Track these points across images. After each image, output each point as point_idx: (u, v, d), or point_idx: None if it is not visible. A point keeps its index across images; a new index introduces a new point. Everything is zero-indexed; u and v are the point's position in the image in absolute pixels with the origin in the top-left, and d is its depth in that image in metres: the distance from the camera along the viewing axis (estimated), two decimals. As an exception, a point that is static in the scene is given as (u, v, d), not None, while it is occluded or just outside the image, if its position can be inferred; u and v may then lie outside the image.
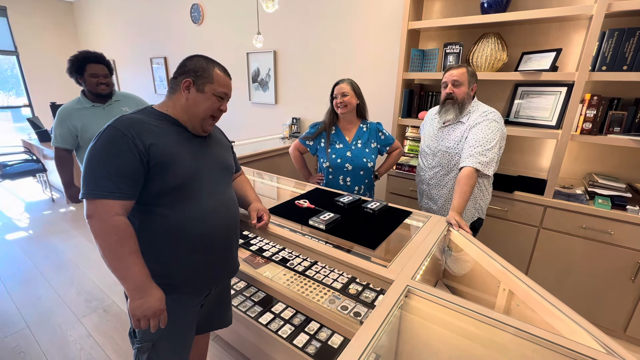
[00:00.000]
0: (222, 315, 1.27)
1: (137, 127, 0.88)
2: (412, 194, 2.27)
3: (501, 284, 1.02)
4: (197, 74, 0.96)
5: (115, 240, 0.84)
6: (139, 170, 0.87)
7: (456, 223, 1.28)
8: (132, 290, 0.87)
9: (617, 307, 1.75)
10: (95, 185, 0.83)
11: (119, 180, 0.84)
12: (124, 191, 0.85)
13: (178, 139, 0.96)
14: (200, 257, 1.01)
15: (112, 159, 0.84)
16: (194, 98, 0.96)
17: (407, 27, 2.10)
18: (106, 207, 0.83)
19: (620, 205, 1.64)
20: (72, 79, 1.82)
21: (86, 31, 5.84)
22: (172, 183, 0.91)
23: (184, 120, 0.98)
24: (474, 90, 1.55)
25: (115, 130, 0.85)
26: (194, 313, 1.07)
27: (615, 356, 0.68)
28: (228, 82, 1.01)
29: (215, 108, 0.99)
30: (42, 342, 1.80)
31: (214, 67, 0.98)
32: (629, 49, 1.54)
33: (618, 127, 1.67)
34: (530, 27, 1.96)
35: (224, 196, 1.07)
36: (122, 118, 0.89)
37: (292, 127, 3.23)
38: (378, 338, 0.75)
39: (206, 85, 0.96)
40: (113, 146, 0.84)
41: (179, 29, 4.19)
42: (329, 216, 1.32)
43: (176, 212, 0.93)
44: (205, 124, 1.00)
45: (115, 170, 0.84)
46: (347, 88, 1.69)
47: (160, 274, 0.94)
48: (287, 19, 3.09)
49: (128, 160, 0.85)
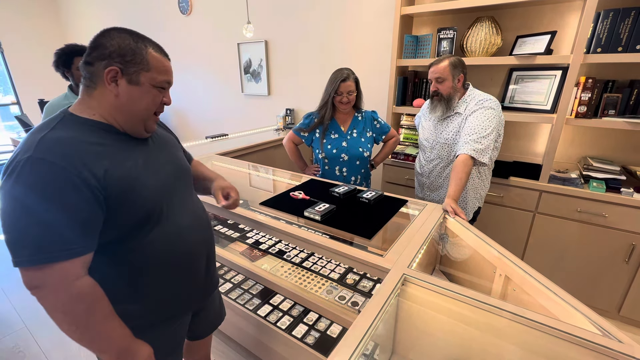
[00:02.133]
0: (216, 316, 1.22)
1: (76, 153, 0.63)
2: (408, 183, 2.26)
3: (497, 269, 1.02)
4: (126, 59, 0.69)
5: (83, 310, 0.64)
6: (97, 212, 0.65)
7: (452, 210, 1.28)
8: (113, 356, 0.70)
9: (612, 288, 1.77)
10: (39, 247, 0.59)
11: (73, 231, 0.62)
12: (82, 244, 0.63)
13: (127, 153, 0.73)
14: (182, 279, 0.86)
15: (55, 205, 0.60)
16: (126, 93, 0.71)
17: (399, 12, 2.06)
18: (62, 272, 0.61)
19: (615, 188, 1.65)
20: (59, 72, 1.77)
21: (72, 24, 5.69)
22: (139, 213, 0.73)
23: (119, 122, 0.73)
24: (461, 81, 1.50)
25: (45, 163, 0.60)
26: (181, 331, 0.96)
27: (611, 337, 0.68)
28: (168, 65, 0.77)
29: (157, 103, 0.76)
30: (41, 341, 1.79)
31: (147, 47, 0.72)
32: (624, 29, 1.53)
33: (613, 109, 1.66)
34: (524, 9, 1.93)
35: (194, 206, 0.92)
36: (47, 142, 0.62)
37: (286, 118, 3.19)
38: (375, 327, 0.75)
39: (140, 74, 0.71)
40: (52, 188, 0.60)
41: (167, 20, 4.08)
42: (324, 207, 1.31)
43: (148, 241, 0.76)
44: (148, 124, 0.77)
45: (65, 219, 0.61)
46: (353, 86, 1.66)
47: (142, 314, 0.80)
48: (278, 8, 3.02)
49: (79, 202, 0.62)
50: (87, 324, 0.66)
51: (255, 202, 1.46)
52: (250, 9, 2.96)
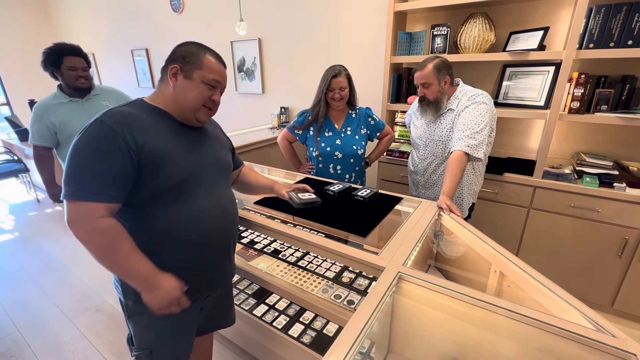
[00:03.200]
0: (223, 316, 1.23)
1: (128, 123, 0.80)
2: (403, 180, 2.26)
3: (492, 265, 1.02)
4: (186, 59, 0.88)
5: (105, 243, 0.77)
6: (129, 171, 0.79)
7: (447, 207, 1.28)
8: (140, 287, 0.83)
9: (605, 282, 1.79)
10: (78, 186, 0.75)
11: (105, 181, 0.76)
12: (110, 193, 0.77)
13: (172, 136, 0.88)
14: (196, 261, 0.95)
15: (98, 157, 0.76)
16: (181, 86, 0.88)
17: (393, 9, 2.05)
18: (89, 210, 0.75)
19: (607, 182, 1.66)
20: (47, 72, 1.73)
21: (62, 24, 5.60)
22: (166, 184, 0.84)
23: (175, 111, 0.90)
24: (447, 82, 1.49)
25: (104, 125, 0.77)
26: (192, 317, 1.03)
27: (605, 332, 0.69)
28: (220, 69, 0.92)
29: (205, 97, 0.90)
30: (34, 345, 1.77)
31: (205, 53, 0.90)
32: (615, 25, 1.53)
33: (605, 105, 1.67)
34: (517, 5, 1.93)
35: (222, 197, 1.00)
36: (113, 111, 0.81)
37: (280, 116, 3.17)
38: (371, 325, 0.74)
39: (194, 71, 0.87)
40: (100, 143, 0.76)
41: (160, 18, 4.03)
42: (309, 197, 1.23)
43: (169, 214, 0.86)
44: (199, 114, 0.92)
45: (102, 170, 0.76)
46: (345, 82, 1.64)
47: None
48: (271, 6, 2.99)
49: (117, 159, 0.77)
50: (112, 256, 0.78)
51: (249, 202, 1.45)
52: (243, 6, 2.93)
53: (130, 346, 1.00)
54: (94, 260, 0.79)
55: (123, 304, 0.95)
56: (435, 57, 1.47)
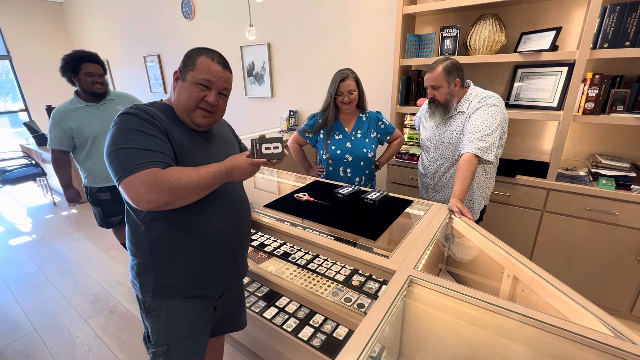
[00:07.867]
0: (236, 318, 1.25)
1: (152, 114, 0.86)
2: (413, 183, 2.25)
3: (505, 269, 1.00)
4: (184, 63, 0.91)
5: (179, 186, 0.79)
6: (170, 148, 0.85)
7: (458, 210, 1.26)
8: (224, 180, 0.88)
9: (623, 287, 1.74)
10: (129, 160, 0.77)
11: (156, 152, 0.80)
12: (166, 161, 0.81)
13: (187, 136, 0.92)
14: (211, 257, 0.98)
15: (141, 135, 0.80)
16: (178, 89, 0.92)
17: (402, 11, 2.05)
18: (147, 173, 0.77)
19: (625, 185, 1.62)
20: (65, 77, 1.79)
21: (78, 32, 5.77)
22: None
23: (179, 114, 0.94)
24: (457, 85, 1.47)
25: (134, 113, 0.83)
26: (207, 315, 1.05)
27: (623, 339, 0.67)
28: (215, 69, 0.90)
29: (196, 98, 0.89)
30: (50, 344, 1.81)
31: (201, 55, 0.90)
32: (631, 24, 1.50)
33: (621, 105, 1.63)
34: (529, 6, 1.90)
35: (236, 195, 1.04)
36: (135, 106, 0.87)
37: (289, 120, 3.19)
38: (382, 329, 0.74)
39: (188, 73, 0.90)
40: (138, 126, 0.82)
41: (171, 25, 4.12)
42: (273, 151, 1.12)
43: (186, 212, 0.89)
44: (194, 117, 0.92)
45: (149, 144, 0.80)
46: (353, 85, 1.65)
47: (172, 275, 0.93)
48: (280, 11, 3.03)
49: (158, 136, 0.83)
50: (186, 184, 0.80)
51: (259, 205, 1.46)
52: (253, 11, 2.97)
53: (147, 343, 1.02)
54: (107, 262, 0.81)
55: (141, 300, 0.98)
56: (446, 59, 1.46)
